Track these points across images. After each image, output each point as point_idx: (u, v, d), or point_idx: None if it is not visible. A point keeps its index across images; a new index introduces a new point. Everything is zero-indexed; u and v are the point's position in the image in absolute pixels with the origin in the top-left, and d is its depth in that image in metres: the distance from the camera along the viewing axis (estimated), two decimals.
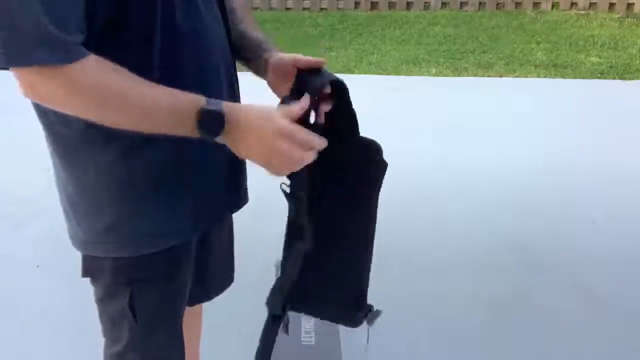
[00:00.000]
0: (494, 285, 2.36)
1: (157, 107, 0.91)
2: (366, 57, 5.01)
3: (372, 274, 1.46)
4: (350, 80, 1.13)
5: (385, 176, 1.26)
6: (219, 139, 0.94)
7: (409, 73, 4.68)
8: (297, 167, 0.97)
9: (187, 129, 0.92)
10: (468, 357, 2.03)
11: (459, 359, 2.03)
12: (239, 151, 0.97)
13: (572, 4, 6.02)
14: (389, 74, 4.67)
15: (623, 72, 4.57)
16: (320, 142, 0.97)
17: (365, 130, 1.19)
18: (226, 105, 0.94)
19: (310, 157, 0.96)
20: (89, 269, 1.20)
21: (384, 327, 2.13)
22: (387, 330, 2.12)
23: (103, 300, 1.20)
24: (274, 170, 0.97)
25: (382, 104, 4.06)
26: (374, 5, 6.22)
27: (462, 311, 2.22)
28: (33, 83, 0.91)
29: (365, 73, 4.68)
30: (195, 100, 0.92)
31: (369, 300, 1.44)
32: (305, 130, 0.95)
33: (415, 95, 4.21)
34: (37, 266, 2.50)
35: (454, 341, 2.08)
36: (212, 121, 0.92)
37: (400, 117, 3.85)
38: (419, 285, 2.35)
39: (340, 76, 1.09)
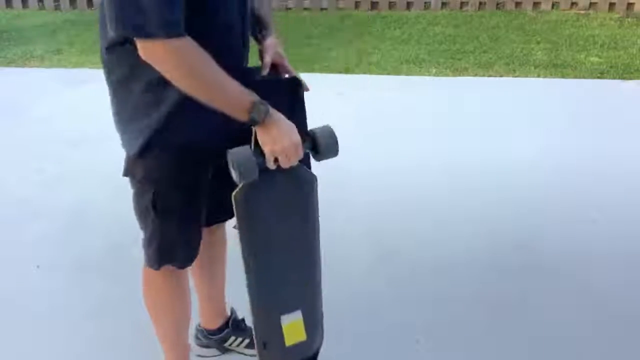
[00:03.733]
0: (494, 285, 2.35)
1: (225, 90, 1.28)
2: (366, 57, 5.01)
3: (373, 274, 1.47)
4: (350, 80, 1.14)
5: (384, 176, 1.30)
6: (258, 125, 1.31)
7: (409, 73, 4.68)
8: (295, 161, 1.36)
9: (241, 113, 1.28)
10: (468, 357, 2.03)
11: (459, 359, 2.03)
12: (264, 139, 1.32)
13: (572, 4, 6.02)
14: (389, 74, 4.67)
15: (623, 72, 4.56)
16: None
17: (365, 130, 1.19)
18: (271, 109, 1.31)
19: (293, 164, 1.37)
20: (128, 169, 1.51)
21: (382, 325, 2.13)
22: (386, 329, 2.12)
23: (136, 196, 1.53)
24: (283, 159, 1.34)
25: (382, 104, 4.06)
26: (374, 5, 6.22)
27: (462, 311, 2.22)
28: (153, 50, 1.23)
29: (365, 73, 4.68)
30: (251, 94, 1.29)
31: (370, 299, 1.45)
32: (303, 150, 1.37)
33: (415, 95, 4.21)
34: (37, 266, 2.50)
35: (454, 341, 2.08)
36: (260, 110, 1.29)
37: (400, 117, 3.85)
38: (419, 285, 2.35)
39: (339, 76, 1.18)
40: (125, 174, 1.52)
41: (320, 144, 1.42)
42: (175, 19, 1.20)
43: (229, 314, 1.99)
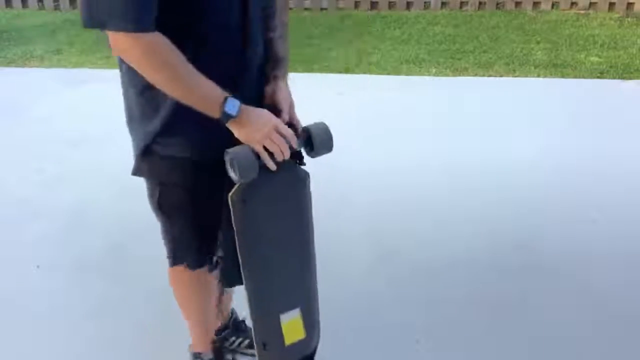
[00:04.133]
0: (494, 285, 2.36)
1: (198, 85, 1.29)
2: (366, 57, 5.01)
3: (373, 274, 1.48)
4: (350, 80, 1.14)
5: (385, 175, 1.32)
6: (230, 123, 1.32)
7: (409, 73, 4.68)
8: (279, 154, 1.35)
9: (214, 108, 1.29)
10: (468, 357, 2.03)
11: (459, 359, 2.03)
12: (240, 134, 1.34)
13: (572, 4, 6.02)
14: (389, 74, 4.67)
15: (623, 71, 4.56)
16: (293, 140, 1.38)
17: (365, 130, 1.19)
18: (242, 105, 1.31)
19: (287, 151, 1.36)
20: (137, 169, 1.53)
21: (383, 325, 2.13)
22: (386, 330, 2.12)
23: (149, 195, 1.58)
24: (272, 146, 1.34)
25: (382, 104, 4.06)
26: (374, 5, 6.22)
27: (462, 311, 2.22)
28: (119, 43, 1.24)
29: (365, 73, 4.68)
30: (222, 92, 1.29)
31: (370, 299, 1.46)
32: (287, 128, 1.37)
33: (415, 95, 4.21)
34: (37, 266, 2.50)
35: (454, 341, 2.09)
36: (231, 107, 1.29)
37: (400, 117, 3.85)
38: (419, 285, 2.35)
39: (339, 76, 1.18)
40: (134, 172, 1.55)
41: (315, 140, 1.43)
42: (145, 12, 1.22)
43: (229, 314, 2.00)
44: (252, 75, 1.49)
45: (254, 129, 1.33)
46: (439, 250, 2.56)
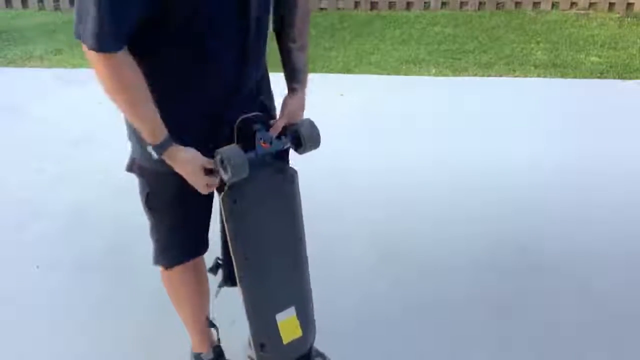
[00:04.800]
0: (494, 286, 2.36)
1: (143, 121, 1.37)
2: (366, 57, 5.01)
3: (373, 274, 1.48)
4: (350, 80, 1.15)
5: (385, 176, 1.32)
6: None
7: (409, 73, 4.68)
8: (201, 190, 1.47)
9: (149, 141, 1.38)
10: (468, 357, 2.03)
11: (459, 359, 2.03)
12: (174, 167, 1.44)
13: (572, 4, 6.02)
14: (389, 74, 4.67)
15: (623, 71, 4.56)
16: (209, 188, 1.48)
17: (365, 130, 1.19)
18: (172, 146, 1.40)
19: (206, 190, 1.47)
20: (129, 165, 1.59)
21: (384, 326, 2.13)
22: (387, 330, 2.12)
23: (139, 192, 1.62)
24: (192, 184, 1.46)
25: (382, 104, 4.06)
26: (374, 5, 6.22)
27: (463, 311, 2.22)
28: (89, 55, 1.29)
29: (365, 73, 4.68)
30: (159, 134, 1.37)
31: (370, 299, 1.46)
32: (204, 177, 1.44)
33: (415, 95, 4.21)
34: (37, 266, 2.50)
35: (454, 341, 2.09)
36: (155, 151, 1.39)
37: (400, 117, 3.85)
38: (419, 285, 2.35)
39: (339, 76, 1.18)
40: (128, 169, 1.60)
41: (303, 136, 1.46)
42: (112, 35, 1.25)
43: None
44: (250, 88, 1.53)
45: (179, 168, 1.43)
46: (439, 251, 2.56)
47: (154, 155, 1.39)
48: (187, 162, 1.42)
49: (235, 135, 1.44)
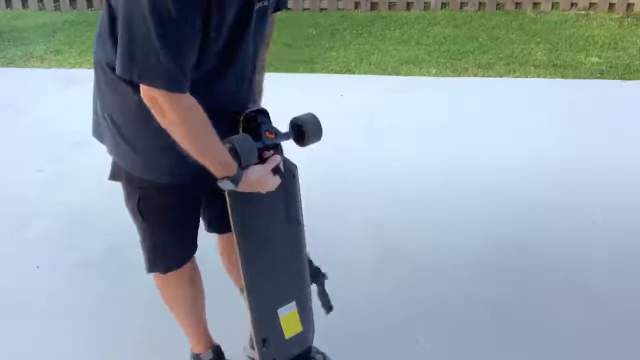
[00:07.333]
0: (494, 286, 2.36)
1: (219, 157, 1.32)
2: (366, 57, 5.01)
3: (373, 274, 1.48)
4: (350, 80, 1.15)
5: (385, 176, 1.35)
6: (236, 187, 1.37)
7: (409, 73, 4.68)
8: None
9: (222, 175, 1.34)
10: (468, 357, 2.03)
11: (459, 359, 2.03)
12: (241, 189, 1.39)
13: (572, 4, 6.02)
14: (389, 74, 4.67)
15: (623, 72, 4.56)
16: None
17: (365, 130, 1.19)
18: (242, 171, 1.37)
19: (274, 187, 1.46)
20: (113, 173, 1.57)
21: (384, 326, 2.13)
22: (387, 330, 2.12)
23: (126, 199, 1.57)
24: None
25: (382, 104, 4.06)
26: (374, 5, 6.22)
27: (462, 311, 2.22)
28: (158, 101, 1.21)
29: (365, 73, 4.68)
30: (232, 165, 1.33)
31: (370, 299, 1.46)
32: (275, 177, 1.46)
33: (415, 95, 4.21)
34: (37, 266, 2.50)
35: (454, 341, 2.09)
36: (237, 177, 1.35)
37: (400, 117, 3.85)
38: (419, 285, 2.35)
39: (340, 76, 1.20)
40: (111, 177, 1.58)
41: (306, 130, 1.49)
42: (184, 74, 1.19)
43: None
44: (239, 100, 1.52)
45: (257, 188, 1.42)
46: (439, 251, 2.56)
47: (229, 186, 1.36)
48: (261, 177, 1.41)
49: (241, 127, 1.46)
